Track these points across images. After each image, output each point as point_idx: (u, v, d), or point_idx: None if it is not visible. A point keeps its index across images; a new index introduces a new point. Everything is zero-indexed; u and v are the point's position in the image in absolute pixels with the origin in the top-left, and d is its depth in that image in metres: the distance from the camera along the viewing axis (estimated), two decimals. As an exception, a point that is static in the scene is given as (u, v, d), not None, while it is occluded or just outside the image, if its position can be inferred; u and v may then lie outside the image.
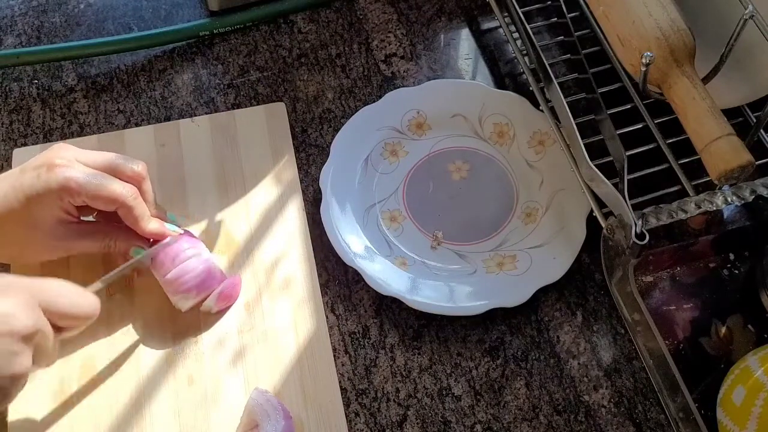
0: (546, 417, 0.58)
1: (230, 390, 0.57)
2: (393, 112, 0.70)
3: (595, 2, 0.62)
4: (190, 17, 0.77)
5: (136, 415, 0.56)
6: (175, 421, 0.56)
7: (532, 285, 0.61)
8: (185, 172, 0.66)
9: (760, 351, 0.55)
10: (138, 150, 0.67)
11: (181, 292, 0.58)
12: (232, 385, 0.58)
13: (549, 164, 0.67)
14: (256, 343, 0.59)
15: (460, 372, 0.60)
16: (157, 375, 0.58)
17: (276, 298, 0.61)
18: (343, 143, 0.67)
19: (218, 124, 0.69)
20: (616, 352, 0.61)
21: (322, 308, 0.61)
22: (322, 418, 0.56)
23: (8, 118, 0.71)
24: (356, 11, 0.78)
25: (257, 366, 0.58)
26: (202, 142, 0.68)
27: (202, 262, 0.59)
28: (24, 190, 0.54)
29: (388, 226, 0.65)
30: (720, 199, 0.53)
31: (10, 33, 0.76)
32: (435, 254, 0.64)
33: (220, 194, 0.66)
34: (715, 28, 0.60)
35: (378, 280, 0.61)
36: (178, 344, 0.59)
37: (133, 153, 0.66)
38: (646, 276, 0.63)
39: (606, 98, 0.65)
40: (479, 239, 0.65)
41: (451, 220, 0.66)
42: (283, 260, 0.63)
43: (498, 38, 0.77)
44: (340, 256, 0.62)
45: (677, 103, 0.57)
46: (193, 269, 0.58)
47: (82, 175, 0.55)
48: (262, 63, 0.74)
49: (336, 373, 0.59)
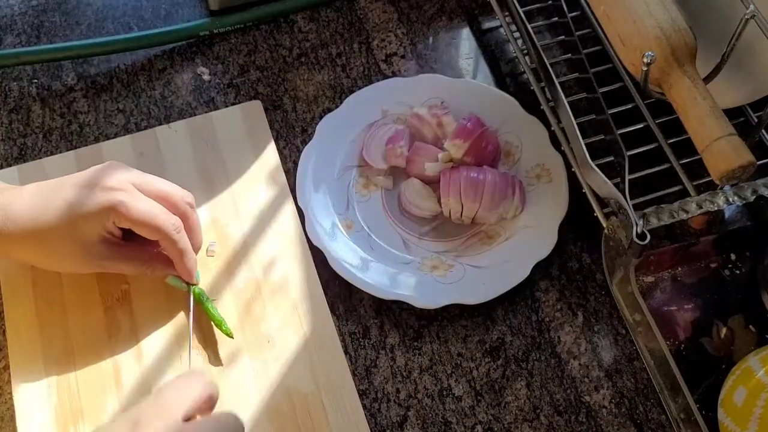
0: (547, 417, 0.58)
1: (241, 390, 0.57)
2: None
3: (596, 2, 0.62)
4: (190, 17, 0.77)
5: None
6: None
7: (451, 295, 0.61)
8: (168, 178, 0.65)
9: (761, 351, 0.55)
10: (117, 161, 0.67)
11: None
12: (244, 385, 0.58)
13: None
14: (261, 339, 0.59)
15: (461, 372, 0.60)
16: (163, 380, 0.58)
17: (275, 298, 0.61)
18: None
19: (196, 127, 0.69)
20: (617, 352, 0.61)
21: (324, 302, 0.61)
22: (338, 404, 0.57)
23: (8, 117, 0.71)
24: (356, 10, 0.78)
25: (267, 363, 0.59)
26: (181, 146, 0.68)
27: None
28: (75, 206, 0.54)
29: (359, 190, 0.67)
30: (721, 199, 0.53)
31: (9, 32, 0.76)
32: (384, 233, 0.65)
33: (207, 196, 0.66)
34: (717, 28, 0.60)
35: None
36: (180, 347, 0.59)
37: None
38: (647, 276, 0.63)
39: (607, 98, 0.65)
40: (439, 237, 0.65)
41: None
42: (279, 259, 0.63)
43: (499, 38, 0.77)
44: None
45: (678, 103, 0.56)
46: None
47: (135, 201, 0.55)
48: (262, 63, 0.74)
49: (344, 357, 0.59)
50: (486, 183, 0.63)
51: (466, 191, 0.63)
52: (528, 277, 0.62)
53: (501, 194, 0.63)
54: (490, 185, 0.63)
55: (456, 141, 0.65)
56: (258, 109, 0.70)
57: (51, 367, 0.58)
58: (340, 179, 0.67)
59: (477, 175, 0.63)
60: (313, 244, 0.63)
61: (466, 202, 0.63)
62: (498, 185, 0.63)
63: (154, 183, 0.58)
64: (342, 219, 0.65)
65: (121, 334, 0.59)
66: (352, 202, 0.67)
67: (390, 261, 0.63)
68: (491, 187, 0.63)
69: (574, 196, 0.64)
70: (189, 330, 0.58)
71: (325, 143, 0.68)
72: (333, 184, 0.67)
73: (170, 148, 0.68)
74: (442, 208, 0.65)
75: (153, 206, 0.56)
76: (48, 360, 0.58)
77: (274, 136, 0.70)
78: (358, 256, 0.63)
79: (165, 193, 0.58)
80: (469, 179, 0.63)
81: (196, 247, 0.60)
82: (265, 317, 0.60)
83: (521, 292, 0.63)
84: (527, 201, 0.65)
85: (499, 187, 0.63)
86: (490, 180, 0.63)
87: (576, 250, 0.65)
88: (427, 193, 0.66)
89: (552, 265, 0.64)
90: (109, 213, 0.54)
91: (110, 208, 0.54)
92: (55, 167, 0.66)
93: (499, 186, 0.63)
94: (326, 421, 0.56)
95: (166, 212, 0.56)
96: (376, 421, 0.58)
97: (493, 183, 0.63)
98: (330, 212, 0.65)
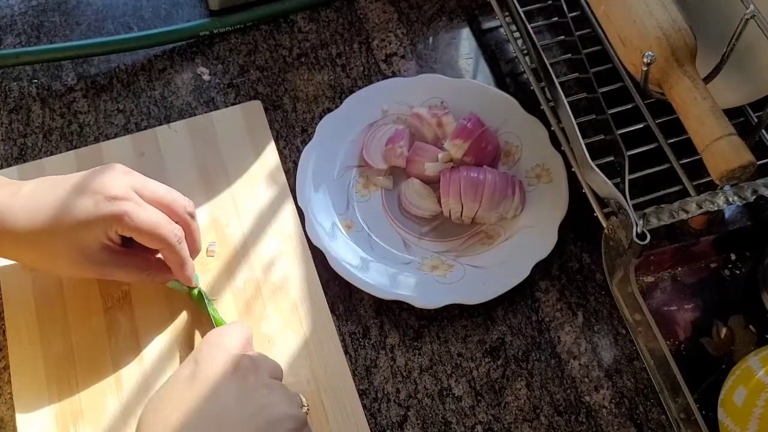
0: (547, 417, 0.58)
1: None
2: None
3: (596, 2, 0.62)
4: (190, 17, 0.77)
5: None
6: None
7: (451, 295, 0.61)
8: (168, 178, 0.66)
9: (761, 351, 0.55)
10: (117, 161, 0.65)
11: None
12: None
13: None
14: (261, 339, 0.59)
15: (461, 372, 0.60)
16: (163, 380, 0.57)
17: (275, 298, 0.61)
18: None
19: (196, 127, 0.69)
20: (617, 352, 0.61)
21: (324, 302, 0.61)
22: (338, 404, 0.57)
23: (8, 117, 0.71)
24: (356, 11, 0.78)
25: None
26: (181, 146, 0.68)
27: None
28: (76, 213, 0.53)
29: (359, 190, 0.67)
30: (721, 199, 0.53)
31: (9, 32, 0.76)
32: (384, 233, 0.65)
33: (207, 196, 0.66)
34: (717, 28, 0.60)
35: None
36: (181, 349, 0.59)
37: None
38: (647, 276, 0.63)
39: (607, 98, 0.65)
40: (439, 237, 0.65)
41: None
42: (279, 259, 0.63)
43: (499, 38, 0.77)
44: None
45: (678, 103, 0.56)
46: None
47: (140, 212, 0.54)
48: (262, 63, 0.74)
49: (344, 357, 0.59)
50: (486, 183, 0.63)
51: (466, 191, 0.63)
52: (528, 277, 0.62)
53: (501, 194, 0.63)
54: (490, 185, 0.63)
55: (456, 141, 0.65)
56: (258, 109, 0.70)
57: (51, 367, 0.58)
58: (340, 179, 0.67)
59: (477, 175, 0.63)
60: (313, 244, 0.63)
61: (466, 202, 0.63)
62: (498, 185, 0.63)
63: (155, 190, 0.57)
64: (342, 219, 0.65)
65: (121, 335, 0.59)
66: (352, 202, 0.67)
67: (390, 261, 0.63)
68: (491, 187, 0.63)
69: (574, 196, 0.64)
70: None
71: (325, 143, 0.68)
72: (333, 184, 0.67)
73: (170, 148, 0.68)
74: (442, 208, 0.65)
75: (156, 216, 0.56)
76: (48, 360, 0.58)
77: (274, 136, 0.70)
78: (358, 256, 0.63)
79: (167, 201, 0.57)
80: (469, 179, 0.63)
81: (194, 254, 0.60)
82: (265, 317, 0.60)
83: (521, 292, 0.63)
84: (527, 201, 0.65)
85: (499, 187, 0.63)
86: (490, 180, 0.63)
87: (576, 250, 0.65)
88: (427, 193, 0.66)
89: (552, 265, 0.64)
90: (113, 223, 0.54)
91: (114, 218, 0.53)
92: (55, 167, 0.66)
93: (499, 186, 0.63)
94: (326, 421, 0.56)
95: (169, 222, 0.56)
96: (376, 421, 0.58)
97: (493, 183, 0.63)
98: (330, 212, 0.65)
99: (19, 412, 0.56)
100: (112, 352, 0.59)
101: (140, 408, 0.56)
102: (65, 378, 0.57)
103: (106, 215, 0.53)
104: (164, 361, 0.59)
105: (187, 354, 0.58)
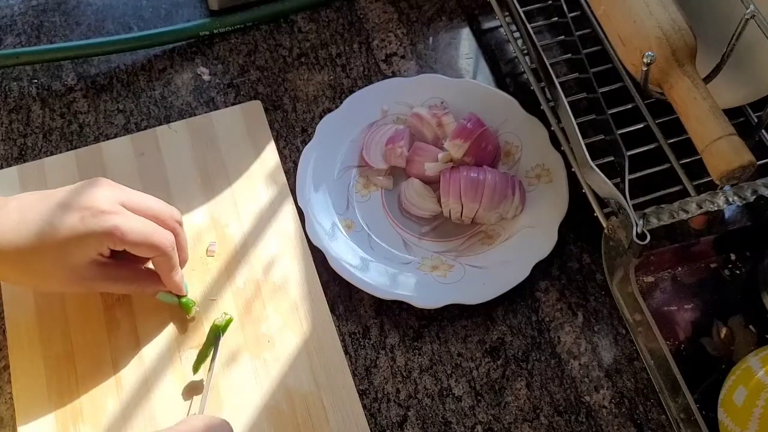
0: (547, 418, 0.58)
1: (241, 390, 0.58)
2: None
3: (596, 2, 0.62)
4: (190, 17, 0.77)
5: (143, 418, 0.56)
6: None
7: (451, 295, 0.61)
8: (168, 178, 0.66)
9: (761, 351, 0.55)
10: (117, 161, 0.67)
11: None
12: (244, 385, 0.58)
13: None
14: (261, 339, 0.59)
15: (461, 372, 0.60)
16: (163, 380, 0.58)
17: (275, 298, 0.61)
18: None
19: (196, 127, 0.69)
20: (617, 352, 0.61)
21: (324, 302, 0.61)
22: (338, 404, 0.57)
23: (8, 117, 0.71)
24: (356, 11, 0.78)
25: (267, 363, 0.59)
26: (181, 146, 0.68)
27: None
28: (63, 230, 0.52)
29: (359, 190, 0.67)
30: (721, 199, 0.53)
31: (9, 33, 0.76)
32: (384, 233, 0.65)
33: (207, 196, 0.66)
34: (717, 28, 0.60)
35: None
36: (182, 350, 0.59)
37: (113, 165, 0.66)
38: (647, 276, 0.63)
39: (607, 98, 0.65)
40: (439, 237, 0.65)
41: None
42: (279, 259, 0.63)
43: (499, 38, 0.77)
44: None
45: (678, 103, 0.56)
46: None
47: (129, 223, 0.54)
48: (262, 63, 0.74)
49: (344, 357, 0.59)
50: (486, 183, 0.63)
51: (466, 191, 0.63)
52: (528, 277, 0.62)
53: (501, 194, 0.63)
54: (490, 185, 0.63)
55: (456, 141, 0.65)
56: (258, 109, 0.70)
57: (51, 367, 0.58)
58: (340, 179, 0.67)
59: (477, 175, 0.63)
60: (313, 244, 0.63)
61: (466, 202, 0.63)
62: (498, 185, 0.63)
63: (142, 201, 0.56)
64: (342, 219, 0.65)
65: (121, 334, 0.59)
66: (352, 202, 0.67)
67: (390, 261, 0.63)
68: (491, 187, 0.63)
69: (574, 196, 0.64)
70: (208, 378, 0.58)
71: (325, 143, 0.68)
72: (333, 184, 0.67)
73: (170, 148, 0.68)
74: (442, 208, 0.65)
75: (147, 225, 0.55)
76: (48, 360, 0.58)
77: (274, 136, 0.70)
78: (358, 256, 0.63)
79: (154, 212, 0.57)
80: (469, 179, 0.63)
81: (183, 263, 0.60)
82: (265, 317, 0.60)
83: (521, 292, 0.63)
84: (527, 201, 0.65)
85: (499, 187, 0.63)
86: (490, 180, 0.63)
87: (576, 250, 0.65)
88: (427, 193, 0.66)
89: (552, 265, 0.64)
90: (104, 239, 0.53)
91: (105, 233, 0.53)
92: (55, 167, 0.66)
93: (499, 186, 0.63)
94: (326, 420, 0.56)
95: (159, 229, 0.56)
96: (376, 421, 0.58)
97: (493, 183, 0.63)
98: (330, 212, 0.65)
99: (19, 412, 0.56)
100: (112, 352, 0.59)
101: (140, 408, 0.57)
102: (65, 378, 0.57)
103: (96, 231, 0.52)
104: (164, 361, 0.58)
105: (187, 354, 0.59)
